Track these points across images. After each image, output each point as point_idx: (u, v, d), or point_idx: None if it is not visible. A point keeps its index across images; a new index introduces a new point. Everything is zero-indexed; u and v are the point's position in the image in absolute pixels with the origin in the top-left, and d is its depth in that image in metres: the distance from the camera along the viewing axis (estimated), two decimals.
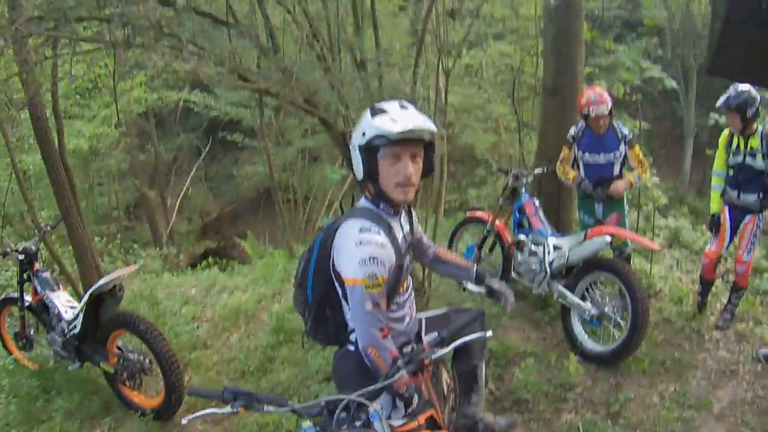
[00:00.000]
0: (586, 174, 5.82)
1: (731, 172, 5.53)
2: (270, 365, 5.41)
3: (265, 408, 2.31)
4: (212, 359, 5.62)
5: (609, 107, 5.55)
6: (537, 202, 5.96)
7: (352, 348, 2.86)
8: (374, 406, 2.32)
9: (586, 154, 5.76)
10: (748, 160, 5.33)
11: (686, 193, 15.36)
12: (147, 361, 5.02)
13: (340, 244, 2.66)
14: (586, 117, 5.62)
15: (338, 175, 12.54)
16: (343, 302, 2.79)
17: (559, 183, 6.35)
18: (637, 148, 5.74)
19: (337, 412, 2.30)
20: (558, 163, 5.92)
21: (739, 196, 5.49)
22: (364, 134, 2.55)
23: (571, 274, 5.45)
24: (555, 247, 5.55)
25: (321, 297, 2.86)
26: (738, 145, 5.41)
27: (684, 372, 5.08)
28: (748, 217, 5.49)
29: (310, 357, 5.19)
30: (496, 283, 3.27)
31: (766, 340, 5.50)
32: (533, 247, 5.70)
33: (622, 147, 5.69)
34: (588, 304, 5.21)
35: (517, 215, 6.06)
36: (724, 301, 6.08)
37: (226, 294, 6.76)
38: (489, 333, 2.78)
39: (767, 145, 5.25)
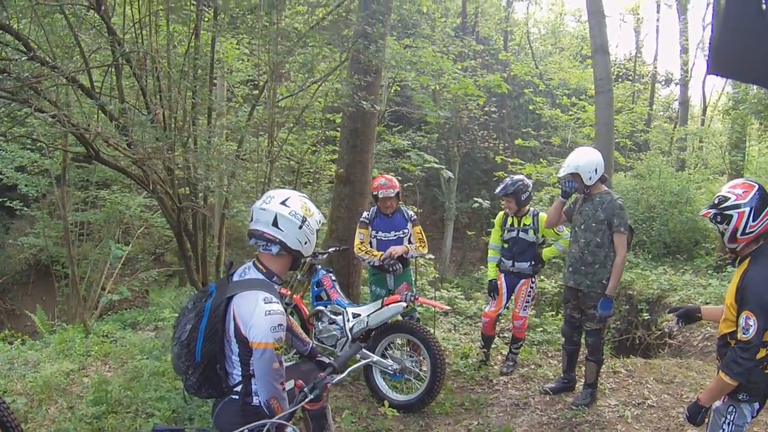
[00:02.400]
0: (380, 249, 6.45)
1: (506, 246, 6.79)
2: None
3: None
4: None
5: (396, 192, 6.44)
6: (333, 276, 6.65)
7: (235, 397, 3.25)
8: (292, 427, 2.93)
9: (380, 233, 6.51)
10: (522, 234, 6.67)
11: (447, 270, 17.08)
12: None
13: (246, 312, 3.02)
14: (375, 198, 6.47)
15: (122, 252, 12.43)
16: (235, 361, 3.18)
17: (349, 261, 7.20)
18: (418, 227, 6.64)
19: None
20: (359, 244, 6.47)
21: (513, 264, 6.74)
22: (319, 221, 3.29)
23: (370, 337, 6.15)
24: (354, 315, 6.21)
25: (210, 357, 3.15)
26: (512, 224, 6.73)
27: (482, 409, 5.95)
28: (522, 281, 6.76)
29: (138, 425, 5.35)
30: (325, 359, 3.93)
31: (549, 378, 6.67)
32: (332, 316, 6.34)
33: (409, 226, 6.58)
34: (390, 361, 5.92)
35: (315, 289, 6.66)
36: (504, 353, 7.34)
37: (31, 367, 6.64)
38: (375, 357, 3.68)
39: (537, 222, 6.65)
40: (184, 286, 11.63)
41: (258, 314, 2.99)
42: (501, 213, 6.92)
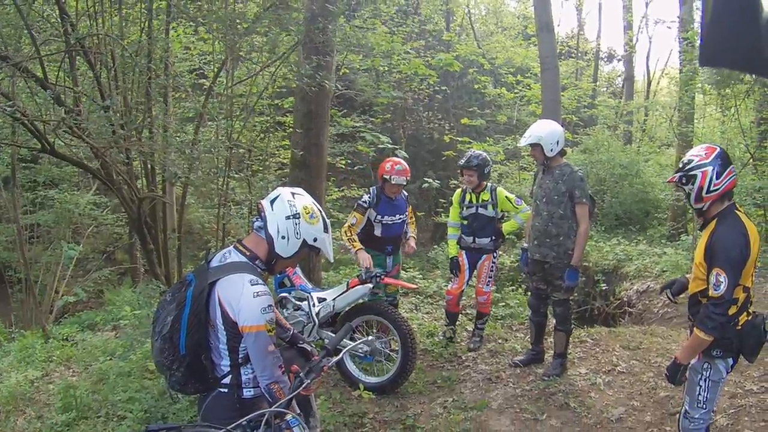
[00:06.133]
0: (384, 233, 6.44)
1: (465, 222, 6.78)
2: None
3: None
4: None
5: (407, 181, 6.33)
6: None
7: (224, 390, 3.11)
8: (292, 414, 2.84)
9: (386, 217, 6.40)
10: (481, 210, 6.65)
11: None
12: None
13: (232, 296, 2.90)
14: (385, 182, 6.27)
15: (76, 252, 12.07)
16: (222, 350, 3.05)
17: None
18: (410, 207, 6.70)
19: (261, 427, 2.70)
20: (347, 227, 6.32)
21: (474, 240, 6.74)
22: (315, 239, 3.09)
23: (337, 320, 6.10)
24: (319, 300, 6.11)
25: (195, 348, 3.01)
26: (470, 200, 6.70)
27: (455, 386, 5.97)
28: (484, 257, 6.78)
29: (110, 429, 5.18)
30: (306, 345, 3.85)
31: (517, 351, 6.72)
32: (297, 302, 6.18)
33: (408, 207, 6.64)
34: (360, 344, 5.76)
35: (278, 275, 6.46)
36: (469, 329, 7.36)
37: None
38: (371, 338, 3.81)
39: (495, 197, 6.65)
40: (138, 284, 11.36)
41: (246, 296, 2.87)
42: (458, 190, 6.92)
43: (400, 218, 6.50)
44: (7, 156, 11.09)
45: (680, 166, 3.62)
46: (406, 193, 6.67)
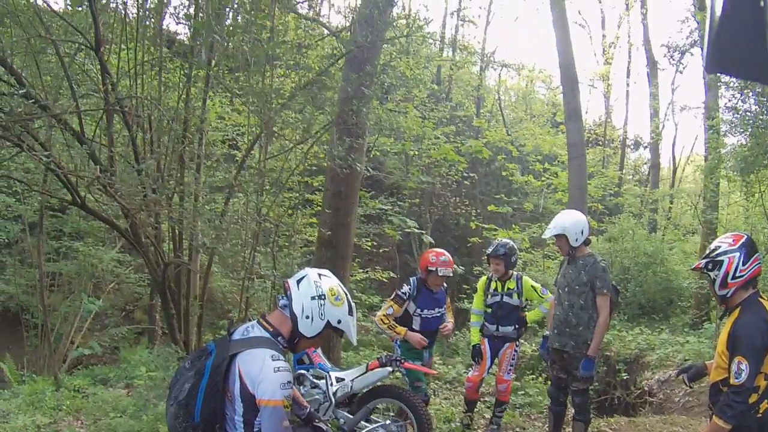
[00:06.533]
0: (423, 326, 6.24)
1: (489, 310, 6.77)
2: None
3: None
4: None
5: (452, 273, 6.22)
6: None
7: None
8: None
9: (425, 311, 6.22)
10: (506, 299, 6.66)
11: None
12: None
13: (253, 370, 2.97)
14: (429, 273, 6.14)
15: (96, 307, 12.20)
16: (237, 422, 3.06)
17: None
18: (448, 300, 6.53)
19: None
20: (382, 315, 6.22)
21: (498, 329, 6.71)
22: (339, 321, 3.17)
23: (353, 402, 6.03)
24: (338, 379, 6.08)
25: (209, 417, 3.05)
26: (495, 288, 6.73)
27: None
28: (506, 345, 6.74)
29: None
30: (322, 425, 3.82)
31: None
32: (315, 380, 6.12)
33: (447, 299, 6.46)
34: (377, 427, 5.64)
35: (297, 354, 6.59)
36: (487, 417, 7.30)
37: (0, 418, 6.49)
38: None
39: (521, 285, 6.67)
40: (154, 345, 11.41)
41: (266, 371, 2.94)
42: (483, 278, 6.97)
43: (439, 311, 6.34)
44: (36, 202, 11.35)
45: (707, 252, 3.66)
46: (446, 284, 6.51)
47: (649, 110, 25.46)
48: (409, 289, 6.21)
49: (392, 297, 6.32)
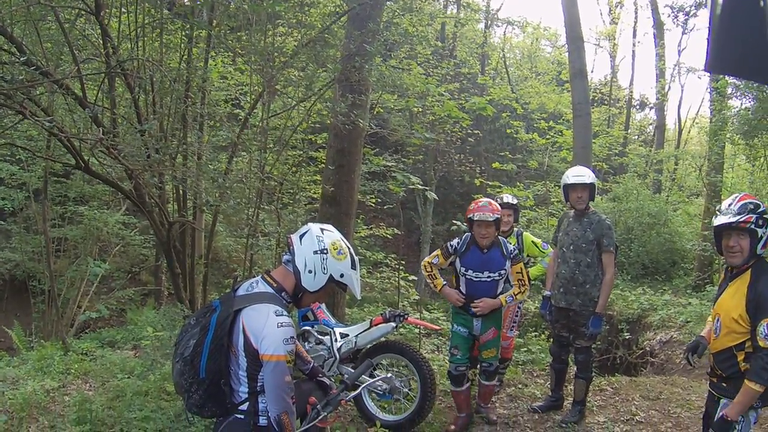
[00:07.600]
0: (468, 290, 5.58)
1: None
2: None
3: None
4: None
5: (495, 217, 5.37)
6: None
7: (241, 417, 3.15)
8: None
9: (470, 272, 5.52)
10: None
11: (423, 293, 17.03)
12: None
13: (257, 324, 2.97)
14: (471, 224, 5.48)
15: (102, 270, 12.27)
16: (242, 377, 3.10)
17: None
18: (519, 265, 5.56)
19: None
20: (427, 261, 5.81)
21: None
22: (342, 275, 3.15)
23: (358, 357, 6.06)
24: (342, 335, 6.13)
25: (215, 373, 3.06)
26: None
27: (472, 429, 5.92)
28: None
29: None
30: (326, 379, 3.86)
31: (536, 396, 6.69)
32: (319, 337, 6.20)
33: (508, 264, 5.53)
34: (379, 381, 5.72)
35: (301, 309, 6.52)
36: None
37: (9, 384, 6.52)
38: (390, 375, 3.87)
39: (521, 241, 6.67)
40: (161, 306, 11.49)
41: (270, 326, 2.94)
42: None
43: (489, 276, 5.51)
44: (40, 169, 11.40)
45: (751, 207, 3.47)
46: (513, 247, 5.65)
47: (655, 71, 25.24)
48: (458, 243, 5.61)
49: (441, 246, 5.85)
